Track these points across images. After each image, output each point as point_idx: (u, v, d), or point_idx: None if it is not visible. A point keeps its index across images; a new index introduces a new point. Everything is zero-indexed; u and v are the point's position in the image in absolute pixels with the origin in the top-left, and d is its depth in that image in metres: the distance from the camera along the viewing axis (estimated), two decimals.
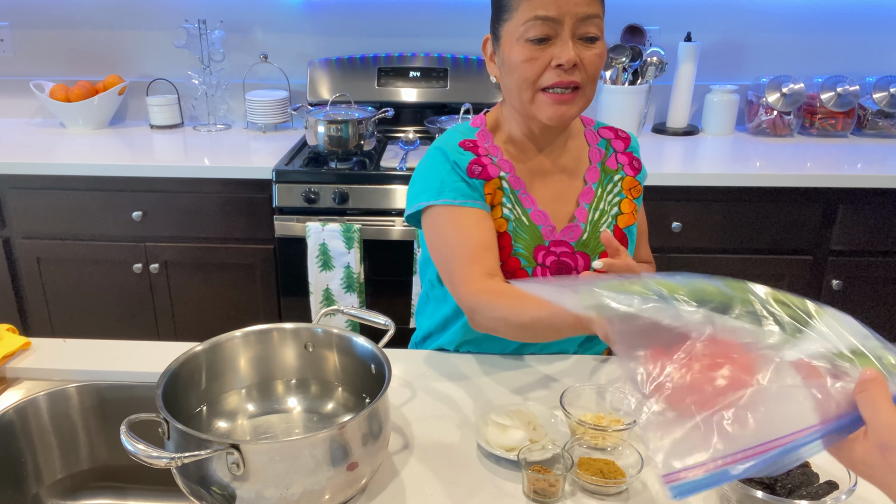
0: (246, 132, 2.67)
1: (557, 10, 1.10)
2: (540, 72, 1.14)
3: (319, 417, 1.08)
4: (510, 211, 1.24)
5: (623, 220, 1.30)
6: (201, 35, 2.63)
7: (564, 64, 1.12)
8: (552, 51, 1.13)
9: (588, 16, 1.12)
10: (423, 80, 2.64)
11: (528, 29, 1.12)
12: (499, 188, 1.23)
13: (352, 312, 1.14)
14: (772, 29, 2.64)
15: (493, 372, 1.24)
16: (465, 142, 1.26)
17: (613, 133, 1.36)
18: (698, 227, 2.21)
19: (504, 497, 0.94)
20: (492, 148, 1.26)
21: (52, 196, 2.28)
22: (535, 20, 1.11)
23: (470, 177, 1.22)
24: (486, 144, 1.26)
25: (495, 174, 1.23)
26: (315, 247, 2.17)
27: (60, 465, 1.17)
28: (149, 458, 0.80)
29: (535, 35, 1.12)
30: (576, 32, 1.12)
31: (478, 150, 1.25)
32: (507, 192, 1.24)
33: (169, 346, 1.26)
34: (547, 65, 1.13)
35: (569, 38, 1.12)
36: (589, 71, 1.15)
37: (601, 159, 1.32)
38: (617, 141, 1.35)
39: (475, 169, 1.22)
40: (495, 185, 1.23)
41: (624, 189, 1.31)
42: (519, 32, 1.13)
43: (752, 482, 0.91)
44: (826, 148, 2.44)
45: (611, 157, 1.32)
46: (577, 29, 1.12)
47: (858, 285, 2.25)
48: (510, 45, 1.15)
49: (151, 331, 2.43)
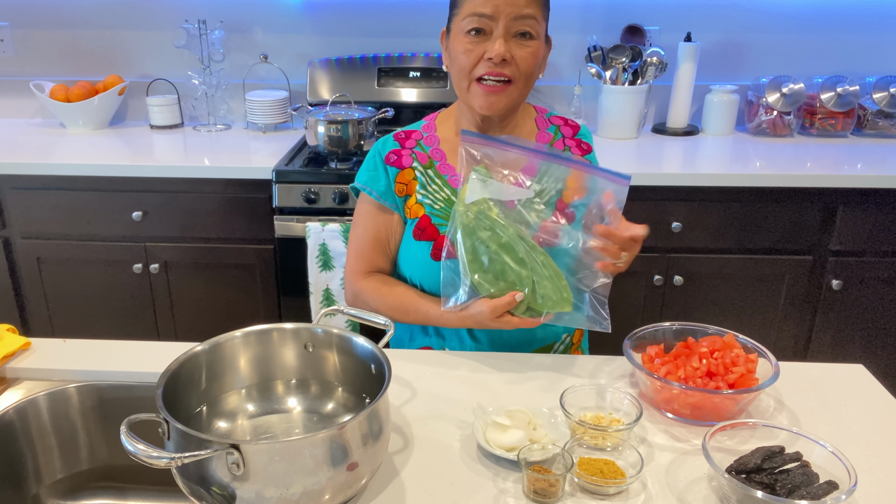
0: (246, 132, 2.67)
1: (493, 9, 1.23)
2: (474, 63, 1.26)
3: (319, 417, 1.08)
4: (427, 196, 1.37)
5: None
6: (201, 35, 2.63)
7: (494, 58, 1.24)
8: (486, 45, 1.25)
9: (522, 16, 1.23)
10: (423, 80, 2.64)
11: (468, 23, 1.25)
12: (413, 178, 1.38)
13: (352, 312, 1.15)
14: (772, 29, 2.64)
15: (492, 372, 1.24)
16: (399, 133, 1.43)
17: (563, 121, 1.47)
18: (698, 227, 2.21)
19: (504, 497, 0.94)
20: (430, 138, 1.42)
21: (52, 196, 2.28)
22: (473, 16, 1.24)
23: (386, 163, 1.39)
24: (425, 135, 1.42)
25: (408, 164, 1.39)
26: (315, 247, 2.17)
27: (60, 465, 1.17)
28: (149, 458, 0.80)
29: (472, 28, 1.25)
30: (510, 30, 1.24)
31: (405, 143, 1.41)
32: (431, 179, 1.37)
33: (169, 346, 1.26)
34: (480, 57, 1.26)
35: (501, 35, 1.24)
36: (521, 67, 1.26)
37: (548, 141, 1.43)
38: (566, 127, 1.46)
39: (391, 157, 1.40)
40: (409, 175, 1.38)
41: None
42: (461, 26, 1.27)
43: (753, 482, 0.91)
44: (826, 148, 2.44)
45: (558, 140, 1.44)
46: (511, 27, 1.24)
47: (858, 285, 2.25)
48: (455, 37, 1.29)
49: (151, 331, 2.43)
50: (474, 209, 1.21)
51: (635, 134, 2.53)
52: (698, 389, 1.06)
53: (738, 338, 1.18)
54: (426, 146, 1.41)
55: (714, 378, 1.10)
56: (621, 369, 1.25)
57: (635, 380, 1.20)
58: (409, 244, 1.38)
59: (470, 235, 1.21)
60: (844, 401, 1.16)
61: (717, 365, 1.12)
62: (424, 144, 1.41)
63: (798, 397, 1.16)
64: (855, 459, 0.95)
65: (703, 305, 2.30)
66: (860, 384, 1.21)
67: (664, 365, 1.14)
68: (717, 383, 1.09)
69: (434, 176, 1.38)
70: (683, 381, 1.10)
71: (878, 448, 1.04)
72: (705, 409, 1.07)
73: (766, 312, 2.31)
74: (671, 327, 1.22)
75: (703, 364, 1.12)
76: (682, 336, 1.21)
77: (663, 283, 2.26)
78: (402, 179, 1.39)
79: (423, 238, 1.35)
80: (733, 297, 2.29)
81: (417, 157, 1.39)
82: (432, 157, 1.40)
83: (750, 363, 1.12)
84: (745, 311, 2.31)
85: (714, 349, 1.15)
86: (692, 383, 1.09)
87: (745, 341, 1.18)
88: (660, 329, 1.22)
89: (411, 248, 1.37)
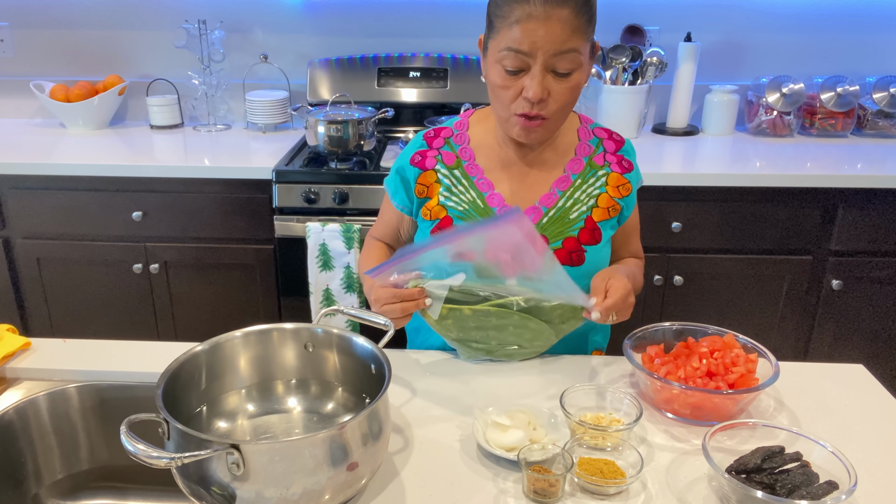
0: (246, 132, 2.67)
1: (530, 46, 1.14)
2: (512, 99, 1.20)
3: (319, 417, 1.08)
4: (449, 199, 1.34)
5: (598, 214, 1.32)
6: (201, 35, 2.63)
7: (531, 98, 1.17)
8: (524, 81, 1.18)
9: (561, 51, 1.14)
10: (423, 80, 2.64)
11: (503, 57, 1.17)
12: (436, 181, 1.35)
13: (352, 312, 1.15)
14: (772, 29, 2.64)
15: (493, 372, 1.24)
16: (429, 132, 1.39)
17: (607, 134, 1.39)
18: (698, 227, 2.21)
19: (504, 497, 0.94)
20: (461, 136, 1.37)
21: (52, 196, 2.28)
22: (509, 51, 1.16)
23: (410, 163, 1.36)
24: (456, 132, 1.37)
25: (431, 166, 1.35)
26: (315, 247, 2.17)
27: (60, 466, 1.17)
28: (149, 458, 0.80)
29: (508, 66, 1.17)
30: (548, 66, 1.16)
31: (432, 142, 1.37)
32: (458, 179, 1.34)
33: (169, 346, 1.26)
34: (518, 94, 1.19)
35: (539, 73, 1.16)
36: (559, 102, 1.20)
37: (588, 154, 1.35)
38: (609, 142, 1.37)
39: (416, 158, 1.37)
40: (431, 177, 1.35)
41: (609, 185, 1.34)
42: (497, 56, 1.18)
43: (753, 482, 0.91)
44: (826, 148, 2.44)
45: (599, 154, 1.35)
46: (549, 64, 1.16)
47: (858, 285, 2.25)
48: (491, 63, 1.21)
49: (151, 331, 2.43)
50: (448, 322, 1.20)
51: (635, 134, 2.53)
52: (698, 389, 1.06)
53: (738, 338, 1.18)
54: (455, 144, 1.36)
55: (714, 378, 1.10)
56: (621, 369, 1.25)
57: (635, 380, 1.20)
58: None
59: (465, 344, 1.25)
60: (844, 401, 1.16)
61: (717, 365, 1.12)
62: (454, 143, 1.36)
63: (798, 397, 1.16)
64: (855, 459, 0.95)
65: (703, 305, 2.30)
66: (860, 384, 1.21)
67: (664, 365, 1.14)
68: (717, 383, 1.09)
69: (461, 176, 1.34)
70: (683, 381, 1.10)
71: (878, 448, 1.04)
72: (705, 409, 1.07)
73: (766, 312, 2.31)
74: (671, 327, 1.22)
75: (703, 364, 1.12)
76: (682, 336, 1.21)
77: (663, 283, 2.26)
78: (423, 181, 1.35)
79: None
80: (733, 297, 2.29)
81: (443, 158, 1.35)
82: (460, 156, 1.35)
83: (750, 363, 1.12)
84: (745, 311, 2.31)
85: (714, 349, 1.15)
86: (692, 383, 1.09)
87: (745, 341, 1.18)
88: (660, 329, 1.22)
89: None
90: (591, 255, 1.31)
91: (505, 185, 1.33)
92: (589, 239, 1.31)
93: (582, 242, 1.30)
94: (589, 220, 1.32)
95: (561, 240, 1.31)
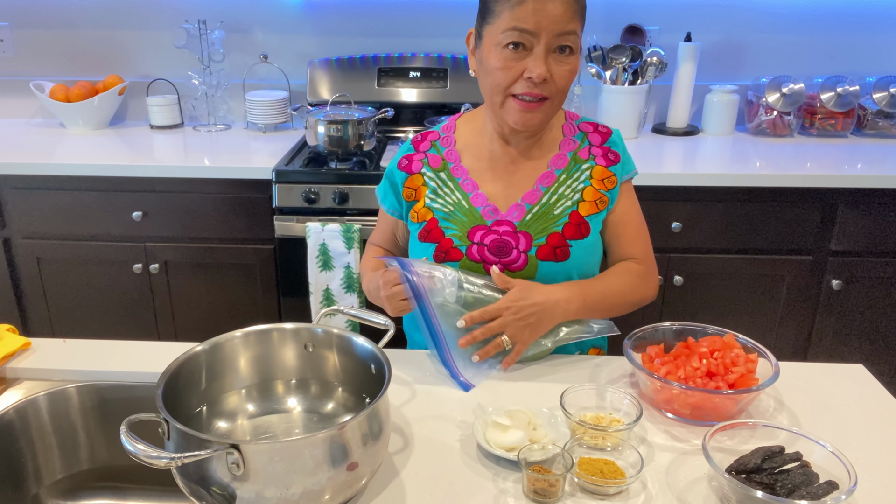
0: (246, 132, 2.67)
1: (535, 25, 1.16)
2: (512, 80, 1.21)
3: (319, 417, 1.08)
4: (435, 200, 1.36)
5: (585, 208, 1.32)
6: (201, 35, 2.63)
7: (535, 78, 1.18)
8: (526, 62, 1.19)
9: (565, 32, 1.18)
10: (423, 80, 2.64)
11: (506, 37, 1.19)
12: (422, 184, 1.37)
13: (352, 312, 1.15)
14: (772, 29, 2.64)
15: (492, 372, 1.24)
16: (417, 136, 1.42)
17: (593, 127, 1.39)
18: (698, 227, 2.21)
19: (504, 497, 0.94)
20: (447, 139, 1.39)
21: (52, 196, 2.28)
22: (514, 30, 1.18)
23: (398, 168, 1.40)
24: (443, 135, 1.40)
25: (417, 170, 1.38)
26: (315, 247, 2.17)
27: (60, 465, 1.17)
28: (149, 458, 0.80)
29: (511, 43, 1.18)
30: (551, 46, 1.19)
31: (419, 146, 1.40)
32: (444, 182, 1.36)
33: (169, 346, 1.26)
34: (520, 75, 1.20)
35: (542, 53, 1.18)
36: (559, 84, 1.22)
37: (573, 149, 1.36)
38: (594, 135, 1.38)
39: (403, 162, 1.40)
40: (418, 181, 1.38)
41: (593, 178, 1.34)
42: (498, 39, 1.20)
43: (753, 482, 0.91)
44: (826, 148, 2.44)
45: (584, 148, 1.36)
46: (552, 43, 1.18)
47: (858, 285, 2.25)
48: (489, 48, 1.22)
49: (151, 331, 2.43)
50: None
51: (635, 134, 2.53)
52: (698, 389, 1.06)
53: (738, 338, 1.18)
54: (441, 147, 1.39)
55: (714, 378, 1.10)
56: (621, 369, 1.25)
57: (635, 380, 1.20)
58: (415, 244, 1.38)
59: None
60: (844, 401, 1.16)
61: (717, 365, 1.12)
62: (440, 145, 1.39)
63: (798, 397, 1.16)
64: (855, 459, 0.95)
65: (703, 305, 2.30)
66: (860, 384, 1.21)
67: (664, 365, 1.14)
68: (717, 383, 1.09)
69: (447, 178, 1.36)
70: (683, 381, 1.10)
71: (878, 448, 1.04)
72: (705, 409, 1.07)
73: (766, 312, 2.31)
74: (671, 327, 1.22)
75: (703, 364, 1.12)
76: (682, 336, 1.21)
77: (663, 283, 2.26)
78: (410, 184, 1.38)
79: (428, 240, 1.35)
80: (733, 297, 2.29)
81: (429, 161, 1.38)
82: (446, 158, 1.38)
83: (750, 363, 1.12)
84: (745, 311, 2.31)
85: (714, 349, 1.15)
86: (692, 383, 1.09)
87: (745, 341, 1.18)
88: (660, 329, 1.22)
89: (417, 249, 1.38)
90: (576, 251, 1.31)
91: (489, 184, 1.34)
92: (575, 233, 1.31)
93: (567, 237, 1.31)
94: (574, 215, 1.32)
95: (545, 236, 1.31)
